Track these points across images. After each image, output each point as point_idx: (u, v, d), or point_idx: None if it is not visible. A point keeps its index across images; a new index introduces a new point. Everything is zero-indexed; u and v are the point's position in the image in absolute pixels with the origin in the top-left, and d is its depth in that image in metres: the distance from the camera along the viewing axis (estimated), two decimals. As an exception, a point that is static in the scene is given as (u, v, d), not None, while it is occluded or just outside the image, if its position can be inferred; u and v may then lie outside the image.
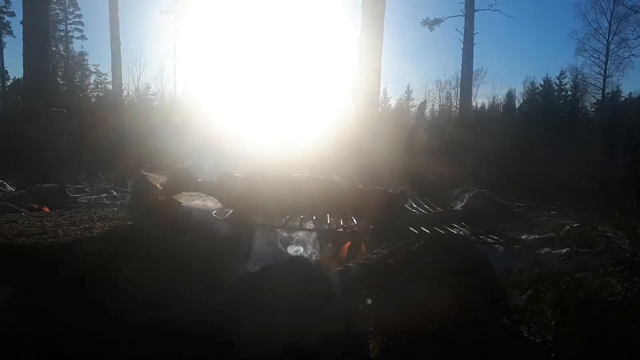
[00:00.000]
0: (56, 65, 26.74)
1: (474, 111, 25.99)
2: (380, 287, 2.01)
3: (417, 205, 2.95)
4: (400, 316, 1.87)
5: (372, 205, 2.31)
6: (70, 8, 32.42)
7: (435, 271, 1.95)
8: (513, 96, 29.31)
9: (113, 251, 2.03)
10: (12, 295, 1.88)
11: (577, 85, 27.68)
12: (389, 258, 2.13)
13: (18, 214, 2.78)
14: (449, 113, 28.54)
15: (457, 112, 25.95)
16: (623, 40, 25.06)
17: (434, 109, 29.60)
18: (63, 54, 31.37)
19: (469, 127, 17.21)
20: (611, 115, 24.34)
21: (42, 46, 10.59)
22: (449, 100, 30.90)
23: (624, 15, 24.61)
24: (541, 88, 28.85)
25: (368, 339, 1.89)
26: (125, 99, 24.24)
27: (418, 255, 2.04)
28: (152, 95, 30.44)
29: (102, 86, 32.89)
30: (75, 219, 2.40)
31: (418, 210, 2.82)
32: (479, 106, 28.89)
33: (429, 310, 1.81)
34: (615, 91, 27.78)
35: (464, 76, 23.74)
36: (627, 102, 27.85)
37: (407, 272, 1.99)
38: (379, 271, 2.12)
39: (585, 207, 4.34)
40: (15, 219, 2.38)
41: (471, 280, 1.95)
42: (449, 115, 27.26)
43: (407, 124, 7.99)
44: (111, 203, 7.73)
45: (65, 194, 7.67)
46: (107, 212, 2.60)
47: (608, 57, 25.24)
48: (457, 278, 1.92)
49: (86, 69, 33.19)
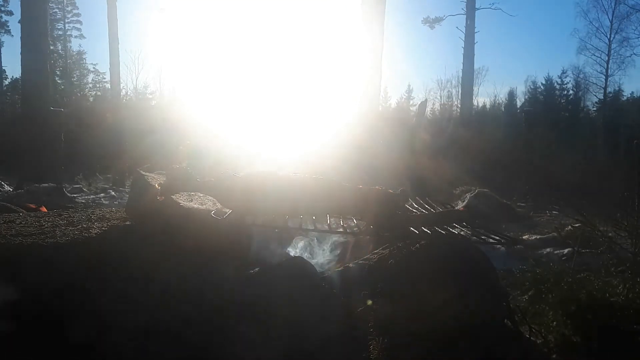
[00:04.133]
0: (54, 64, 26.68)
1: (475, 110, 26.01)
2: (380, 287, 2.00)
3: (418, 205, 2.94)
4: (401, 317, 1.86)
5: (372, 205, 2.30)
6: (68, 7, 32.40)
7: (436, 272, 1.93)
8: (514, 95, 29.36)
9: (111, 251, 2.01)
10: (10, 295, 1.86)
11: (578, 84, 27.69)
12: (389, 258, 2.11)
13: (16, 214, 2.76)
14: (450, 112, 28.51)
15: (458, 111, 25.93)
16: (625, 39, 25.01)
17: (434, 108, 29.55)
18: (61, 53, 31.33)
19: (470, 126, 17.22)
20: (613, 115, 24.35)
21: (40, 45, 10.59)
22: (450, 100, 30.87)
23: (626, 14, 24.56)
24: (543, 87, 28.88)
25: (368, 340, 1.88)
26: (124, 98, 24.24)
27: (418, 255, 2.02)
28: (151, 94, 30.42)
29: (100, 85, 32.91)
30: (73, 219, 2.38)
31: (419, 210, 2.81)
32: (480, 105, 28.94)
33: (430, 311, 1.80)
34: (617, 90, 27.77)
35: (465, 75, 23.73)
36: (629, 101, 27.87)
37: (408, 273, 1.97)
38: (379, 271, 2.11)
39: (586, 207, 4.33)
40: (13, 219, 2.36)
41: (472, 280, 1.94)
42: (450, 115, 27.22)
43: (407, 124, 7.97)
44: (109, 203, 7.71)
45: (63, 194, 7.67)
46: (105, 212, 2.59)
47: (610, 56, 25.18)
48: (458, 278, 1.91)
49: (84, 68, 33.20)
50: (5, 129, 12.52)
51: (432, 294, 1.82)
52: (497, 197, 6.74)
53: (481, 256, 2.09)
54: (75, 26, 32.57)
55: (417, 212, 2.72)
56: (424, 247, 2.06)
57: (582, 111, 27.91)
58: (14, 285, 1.87)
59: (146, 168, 2.40)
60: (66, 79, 30.50)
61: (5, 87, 29.62)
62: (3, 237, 2.01)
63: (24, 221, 2.31)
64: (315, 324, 1.85)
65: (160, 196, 2.12)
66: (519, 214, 6.69)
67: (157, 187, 2.16)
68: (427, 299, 1.81)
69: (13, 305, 1.84)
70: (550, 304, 2.12)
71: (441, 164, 7.80)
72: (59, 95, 24.27)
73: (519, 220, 6.09)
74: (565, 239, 4.23)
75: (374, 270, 2.16)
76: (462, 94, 24.74)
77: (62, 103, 18.41)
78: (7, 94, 28.85)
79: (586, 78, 26.85)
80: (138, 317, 1.84)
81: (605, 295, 2.06)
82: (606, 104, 26.10)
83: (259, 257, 2.54)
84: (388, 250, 2.25)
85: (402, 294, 1.92)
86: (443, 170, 7.65)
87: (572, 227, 4.36)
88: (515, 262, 3.32)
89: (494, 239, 2.45)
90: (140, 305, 1.87)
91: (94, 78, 33.66)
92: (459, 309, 1.79)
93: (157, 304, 1.88)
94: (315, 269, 2.26)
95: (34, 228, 2.16)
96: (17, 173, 10.38)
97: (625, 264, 2.60)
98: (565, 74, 28.11)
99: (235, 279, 2.12)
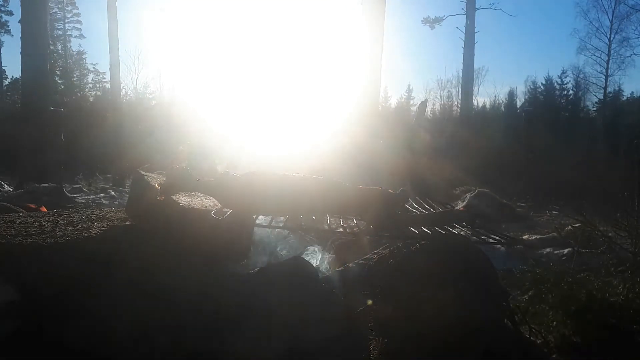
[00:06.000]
0: (54, 64, 26.69)
1: (475, 110, 25.99)
2: (380, 287, 2.00)
3: (418, 205, 2.93)
4: (401, 317, 1.85)
5: (372, 205, 2.29)
6: (68, 7, 32.42)
7: (436, 272, 1.93)
8: (514, 95, 29.31)
9: (111, 251, 2.01)
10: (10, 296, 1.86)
11: (578, 84, 27.67)
12: (389, 258, 2.11)
13: (16, 214, 2.75)
14: (450, 112, 28.50)
15: (458, 111, 25.93)
16: (625, 39, 25.01)
17: (434, 108, 29.50)
18: (61, 53, 31.35)
19: (470, 126, 17.23)
20: (613, 115, 24.34)
21: (40, 45, 10.58)
22: (450, 100, 30.84)
23: (626, 14, 24.57)
24: (543, 87, 28.85)
25: (368, 340, 1.88)
26: (124, 98, 24.24)
27: (418, 255, 2.02)
28: (151, 94, 30.40)
29: (100, 85, 32.90)
30: (73, 219, 2.38)
31: (418, 210, 2.80)
32: (480, 105, 28.90)
33: (430, 311, 1.79)
34: (617, 90, 27.77)
35: (465, 75, 23.75)
36: (629, 101, 27.85)
37: (408, 273, 1.97)
38: (379, 271, 2.11)
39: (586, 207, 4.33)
40: (13, 219, 2.36)
41: (472, 280, 1.94)
42: (450, 115, 27.22)
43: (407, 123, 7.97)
44: (109, 203, 7.71)
45: (63, 194, 7.65)
46: (105, 212, 2.58)
47: (610, 56, 25.19)
48: (458, 278, 1.90)
49: (84, 67, 33.20)
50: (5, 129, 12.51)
51: (432, 294, 1.82)
52: (497, 197, 6.74)
53: (481, 256, 2.09)
54: (75, 26, 32.60)
55: (417, 212, 2.72)
56: (424, 247, 2.06)
57: (582, 111, 27.88)
58: (14, 285, 1.87)
59: (146, 168, 2.40)
60: (66, 79, 30.50)
61: (5, 87, 29.62)
62: (3, 237, 2.01)
63: (24, 221, 2.30)
64: (315, 324, 1.85)
65: (160, 196, 2.12)
66: (519, 214, 6.68)
67: (157, 187, 2.15)
68: (427, 299, 1.81)
69: (13, 305, 1.84)
70: (550, 304, 2.12)
71: (441, 164, 7.80)
72: (59, 95, 24.25)
73: (519, 220, 6.09)
74: (565, 239, 4.23)
75: (374, 270, 2.16)
76: (462, 94, 24.74)
77: (62, 103, 18.37)
78: (7, 94, 28.83)
79: (586, 78, 26.87)
80: (138, 318, 1.84)
81: (605, 295, 2.06)
82: (606, 104, 26.10)
83: (258, 257, 2.54)
84: (388, 250, 2.25)
85: (402, 294, 1.91)
86: (443, 170, 7.64)
87: (572, 227, 4.36)
88: (515, 262, 3.32)
89: (494, 239, 2.45)
90: (140, 305, 1.87)
91: (94, 78, 33.70)
92: (459, 309, 1.78)
93: (157, 304, 1.88)
94: (315, 268, 2.26)
95: (34, 228, 2.16)
96: (17, 173, 10.38)
97: (625, 264, 2.60)
98: (565, 74, 28.12)
99: (235, 279, 2.12)
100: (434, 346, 1.75)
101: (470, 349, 1.76)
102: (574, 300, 2.03)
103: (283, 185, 2.23)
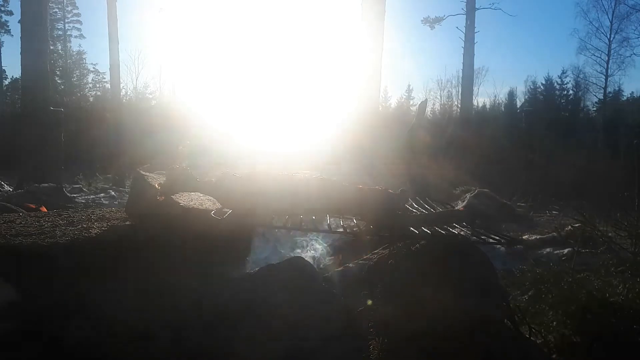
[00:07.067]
0: (54, 64, 26.71)
1: (475, 110, 25.97)
2: (380, 287, 2.00)
3: (418, 205, 2.93)
4: (401, 317, 1.85)
5: (372, 205, 2.29)
6: (68, 7, 32.45)
7: (436, 271, 1.93)
8: (514, 95, 29.34)
9: (111, 251, 2.01)
10: (10, 296, 1.86)
11: (578, 84, 27.70)
12: (388, 258, 2.11)
13: (16, 214, 2.76)
14: (450, 112, 28.48)
15: (458, 111, 25.91)
16: (625, 39, 25.00)
17: (434, 108, 29.51)
18: (61, 53, 31.36)
19: (470, 126, 17.22)
20: (613, 115, 24.32)
21: (40, 45, 10.57)
22: (450, 99, 30.86)
23: (626, 14, 24.56)
24: (543, 87, 28.89)
25: (368, 340, 1.88)
26: (124, 98, 24.20)
27: (418, 255, 2.02)
28: (151, 94, 30.40)
29: (100, 85, 32.93)
30: (73, 219, 2.38)
31: (419, 210, 2.80)
32: (480, 105, 28.91)
33: (430, 311, 1.79)
34: (616, 90, 27.80)
35: (465, 75, 23.73)
36: (629, 101, 27.89)
37: (407, 273, 1.97)
38: (379, 271, 2.11)
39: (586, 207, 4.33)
40: (13, 219, 2.36)
41: (472, 280, 1.94)
42: (450, 115, 27.19)
43: (407, 123, 7.96)
44: (109, 203, 7.72)
45: (63, 194, 7.66)
46: (105, 212, 2.58)
47: (610, 56, 25.18)
48: (458, 278, 1.90)
49: (84, 67, 33.21)
50: (5, 129, 12.51)
51: (432, 294, 1.82)
52: (497, 197, 6.73)
53: (481, 256, 2.09)
54: (75, 26, 32.63)
55: (417, 212, 2.72)
56: (423, 247, 2.06)
57: (582, 111, 27.89)
58: (14, 285, 1.87)
59: (146, 168, 2.40)
60: (66, 79, 30.52)
61: (5, 87, 29.62)
62: (3, 237, 2.01)
63: (24, 221, 2.30)
64: (315, 324, 1.85)
65: (160, 196, 2.12)
66: (519, 214, 6.68)
67: (157, 187, 2.15)
68: (427, 299, 1.81)
69: (13, 305, 1.84)
70: (550, 304, 2.12)
71: (441, 164, 7.79)
72: (59, 95, 24.26)
73: (519, 220, 6.08)
74: (565, 239, 4.23)
75: (373, 270, 2.16)
76: (462, 94, 24.74)
77: (62, 103, 18.39)
78: (7, 94, 28.84)
79: (586, 78, 26.87)
80: (137, 318, 1.83)
81: (605, 295, 2.06)
82: (606, 104, 26.10)
83: (258, 257, 2.54)
84: (388, 250, 2.25)
85: (402, 294, 1.91)
86: (443, 170, 7.64)
87: (572, 227, 4.36)
88: (515, 262, 3.33)
89: (494, 239, 2.45)
90: (140, 305, 1.87)
91: (94, 78, 33.72)
92: (459, 309, 1.78)
93: (157, 304, 1.88)
94: (315, 269, 2.26)
95: (34, 228, 2.16)
96: (17, 173, 10.38)
97: (625, 264, 2.60)
98: (565, 74, 28.16)
99: (235, 279, 2.12)
100: (434, 346, 1.75)
101: (470, 349, 1.76)
102: (573, 300, 2.03)
103: (283, 185, 2.23)
